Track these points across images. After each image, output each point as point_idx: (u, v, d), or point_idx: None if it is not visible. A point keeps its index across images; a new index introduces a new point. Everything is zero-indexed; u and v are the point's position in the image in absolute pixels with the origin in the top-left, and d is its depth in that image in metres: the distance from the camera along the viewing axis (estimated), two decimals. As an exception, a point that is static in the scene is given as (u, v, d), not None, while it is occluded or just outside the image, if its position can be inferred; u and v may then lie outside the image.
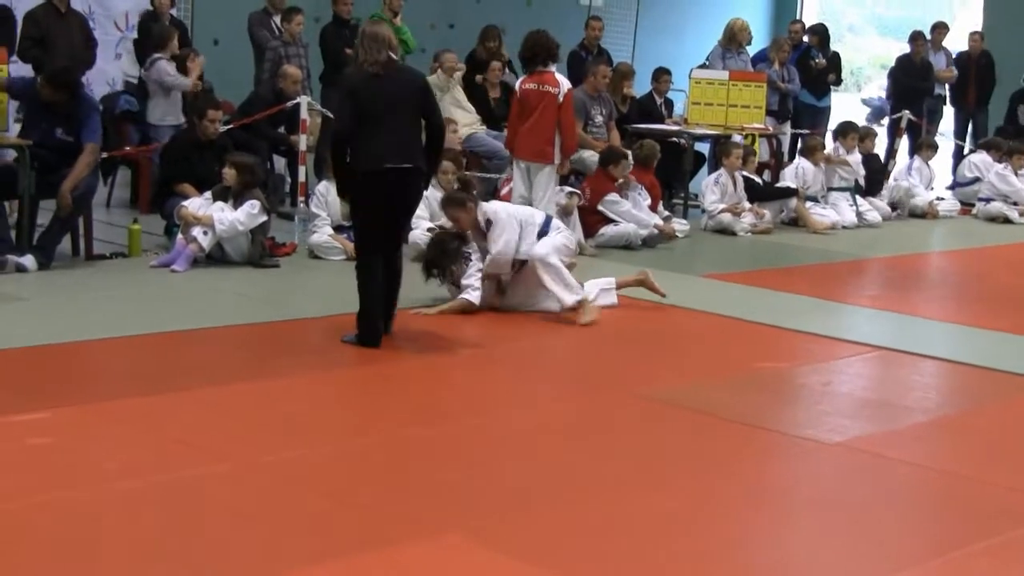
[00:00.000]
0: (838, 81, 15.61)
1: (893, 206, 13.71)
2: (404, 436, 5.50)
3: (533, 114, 9.70)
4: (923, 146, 14.65)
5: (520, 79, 9.83)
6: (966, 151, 15.79)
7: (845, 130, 13.50)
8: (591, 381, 6.72)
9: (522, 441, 5.58)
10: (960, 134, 16.41)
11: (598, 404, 6.20)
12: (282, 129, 11.24)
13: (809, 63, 14.86)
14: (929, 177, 14.50)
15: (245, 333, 7.16)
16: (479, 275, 7.73)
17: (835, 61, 15.39)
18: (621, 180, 10.63)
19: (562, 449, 5.49)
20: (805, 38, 15.34)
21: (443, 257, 7.58)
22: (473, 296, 7.65)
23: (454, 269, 7.65)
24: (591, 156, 11.46)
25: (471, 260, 7.71)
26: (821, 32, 15.51)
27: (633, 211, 10.61)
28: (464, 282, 7.70)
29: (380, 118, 6.78)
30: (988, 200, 14.23)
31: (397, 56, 7.11)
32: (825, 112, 15.31)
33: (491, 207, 7.99)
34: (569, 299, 7.72)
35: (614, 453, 5.45)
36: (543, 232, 7.93)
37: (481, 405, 6.22)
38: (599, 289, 8.12)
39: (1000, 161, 14.43)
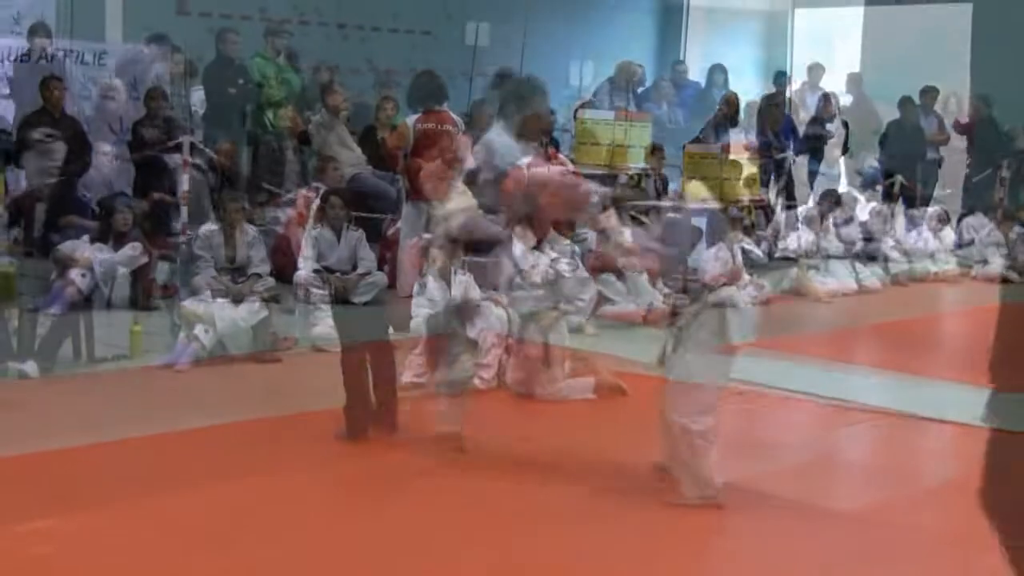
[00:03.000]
0: (845, 150, 15.61)
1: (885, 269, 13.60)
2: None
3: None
4: (933, 218, 14.50)
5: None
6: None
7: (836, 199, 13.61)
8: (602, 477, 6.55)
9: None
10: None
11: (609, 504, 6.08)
12: None
13: (820, 132, 14.99)
14: (934, 248, 14.33)
15: (248, 430, 7.12)
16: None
17: (845, 130, 15.40)
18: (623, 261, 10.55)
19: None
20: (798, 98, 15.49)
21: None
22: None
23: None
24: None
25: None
26: (833, 98, 15.56)
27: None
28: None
29: None
30: (985, 261, 14.22)
31: None
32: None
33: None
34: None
35: (615, 549, 5.39)
36: None
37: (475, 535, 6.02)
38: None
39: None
